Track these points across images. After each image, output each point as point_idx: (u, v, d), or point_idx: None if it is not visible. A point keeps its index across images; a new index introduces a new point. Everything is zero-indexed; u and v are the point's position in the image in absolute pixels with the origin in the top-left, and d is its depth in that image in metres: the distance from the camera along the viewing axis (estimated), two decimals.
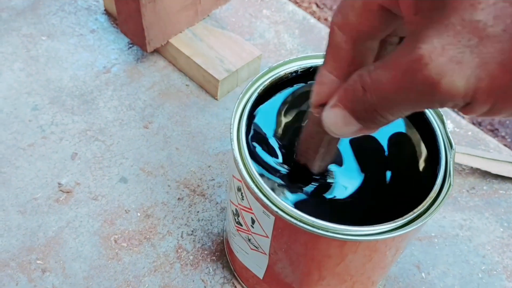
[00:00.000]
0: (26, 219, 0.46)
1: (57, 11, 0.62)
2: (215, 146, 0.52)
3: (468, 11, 0.17)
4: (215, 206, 0.48)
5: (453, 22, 0.17)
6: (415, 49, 0.18)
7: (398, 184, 0.33)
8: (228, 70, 0.54)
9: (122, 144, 0.51)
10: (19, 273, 0.43)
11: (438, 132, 0.32)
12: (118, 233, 0.46)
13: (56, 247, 0.44)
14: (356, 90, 0.21)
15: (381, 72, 0.19)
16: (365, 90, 0.20)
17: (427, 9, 0.18)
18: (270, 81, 0.34)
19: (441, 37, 0.17)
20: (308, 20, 0.65)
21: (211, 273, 0.44)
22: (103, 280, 0.43)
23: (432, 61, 0.17)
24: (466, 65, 0.17)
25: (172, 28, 0.56)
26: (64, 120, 0.53)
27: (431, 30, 0.17)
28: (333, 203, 0.32)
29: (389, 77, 0.19)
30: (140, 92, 0.56)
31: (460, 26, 0.17)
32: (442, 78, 0.17)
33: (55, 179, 0.48)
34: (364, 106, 0.21)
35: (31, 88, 0.55)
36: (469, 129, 0.56)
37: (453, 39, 0.17)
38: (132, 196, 0.48)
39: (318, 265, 0.32)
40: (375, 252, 0.31)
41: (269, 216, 0.30)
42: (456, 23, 0.17)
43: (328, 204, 0.32)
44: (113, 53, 0.59)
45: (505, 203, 0.50)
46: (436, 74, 0.17)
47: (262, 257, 0.35)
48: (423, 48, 0.17)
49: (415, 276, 0.45)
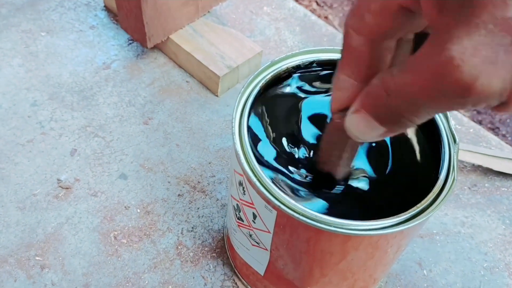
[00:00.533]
0: (25, 215, 0.45)
1: (57, 7, 0.62)
2: (216, 143, 0.52)
3: (500, 8, 0.16)
4: (216, 203, 0.48)
5: (484, 20, 0.16)
6: (443, 50, 0.17)
7: (401, 179, 0.32)
8: (229, 67, 0.54)
9: (122, 141, 0.51)
10: (17, 269, 0.42)
11: (441, 126, 0.32)
12: (117, 230, 0.45)
13: (55, 243, 0.44)
14: (379, 95, 0.20)
15: (406, 75, 0.19)
16: (388, 95, 0.20)
17: (453, 8, 0.17)
18: (272, 75, 0.34)
19: (471, 37, 0.16)
20: (309, 17, 0.65)
21: (211, 269, 0.44)
22: (102, 277, 0.43)
23: (464, 63, 0.16)
24: (502, 65, 0.16)
25: (172, 24, 0.55)
26: (63, 116, 0.52)
27: (460, 30, 0.17)
28: (335, 198, 0.32)
29: (415, 80, 0.18)
30: (140, 88, 0.55)
31: (492, 25, 0.16)
32: (476, 80, 0.17)
33: (54, 175, 0.48)
34: (388, 110, 0.20)
35: (30, 84, 0.54)
36: (471, 126, 0.56)
37: (485, 38, 0.16)
38: (132, 192, 0.48)
39: (320, 262, 0.32)
40: (377, 249, 0.31)
41: (271, 211, 0.30)
42: (487, 21, 0.16)
43: (330, 199, 0.31)
44: (113, 49, 0.58)
45: (507, 201, 0.50)
46: (469, 76, 0.17)
47: (263, 253, 0.35)
48: (453, 49, 0.17)
49: (417, 273, 0.45)
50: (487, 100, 0.17)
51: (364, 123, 0.22)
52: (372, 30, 0.21)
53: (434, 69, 0.17)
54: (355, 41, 0.22)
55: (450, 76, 0.17)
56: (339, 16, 1.04)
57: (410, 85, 0.19)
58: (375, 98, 0.21)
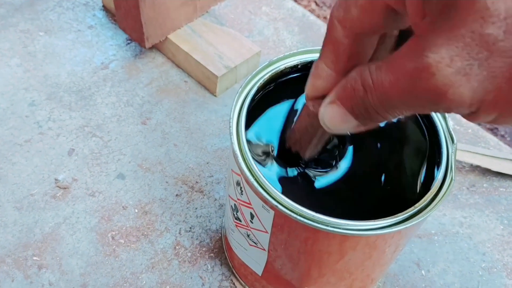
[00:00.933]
0: (23, 215, 0.45)
1: (55, 7, 0.61)
2: (214, 143, 0.52)
3: (479, 23, 0.16)
4: (214, 203, 0.48)
5: (462, 33, 0.17)
6: (422, 57, 0.17)
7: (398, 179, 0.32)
8: (227, 67, 0.54)
9: (120, 140, 0.51)
10: (15, 269, 0.42)
11: (439, 126, 0.32)
12: (115, 230, 0.45)
13: (52, 243, 0.44)
14: (356, 90, 0.20)
15: (384, 74, 0.19)
16: (366, 91, 0.20)
17: (436, 16, 0.18)
18: (270, 75, 0.34)
19: (449, 47, 0.17)
20: (307, 17, 0.65)
21: (209, 270, 0.44)
22: (100, 277, 0.42)
23: (439, 72, 0.17)
24: (474, 77, 0.17)
25: (170, 24, 0.55)
26: (61, 116, 0.52)
27: (440, 39, 0.17)
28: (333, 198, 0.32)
29: (392, 81, 0.19)
30: (138, 88, 0.55)
31: (469, 39, 0.17)
32: (448, 89, 0.17)
33: (52, 175, 0.48)
34: (364, 105, 0.20)
35: (28, 84, 0.54)
36: (469, 126, 0.56)
37: (462, 50, 0.17)
38: (129, 192, 0.47)
39: (318, 262, 0.32)
40: (375, 249, 0.31)
41: (268, 211, 0.29)
42: (465, 35, 0.17)
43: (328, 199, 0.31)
44: (111, 49, 0.58)
45: (505, 201, 0.50)
46: (442, 84, 0.17)
47: (261, 253, 0.35)
48: (431, 57, 0.17)
49: (415, 273, 0.45)
50: (457, 108, 0.18)
51: (338, 115, 0.22)
52: (356, 24, 0.21)
53: (412, 72, 0.18)
54: (338, 32, 0.22)
55: (425, 83, 0.18)
56: None
57: (387, 84, 0.19)
58: (353, 93, 0.21)
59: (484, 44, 0.16)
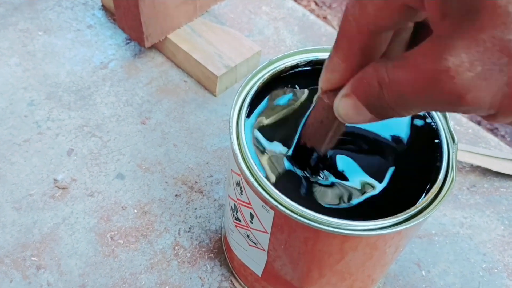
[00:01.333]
0: (21, 215, 0.45)
1: (54, 6, 0.61)
2: (213, 143, 0.52)
3: (500, 29, 0.16)
4: (213, 203, 0.47)
5: (483, 38, 0.17)
6: (441, 59, 0.17)
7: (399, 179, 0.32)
8: (227, 66, 0.54)
9: (119, 140, 0.51)
10: (13, 270, 0.42)
11: (440, 127, 0.32)
12: (114, 230, 0.45)
13: (51, 243, 0.44)
14: (372, 86, 0.20)
15: (401, 73, 0.19)
16: (381, 87, 0.20)
17: (456, 18, 0.17)
18: (270, 75, 0.33)
19: (470, 51, 0.17)
20: (307, 16, 0.65)
21: (208, 270, 0.44)
22: (99, 277, 0.42)
23: (459, 75, 0.17)
24: (494, 82, 0.17)
25: (170, 23, 0.55)
26: (60, 115, 0.52)
27: (460, 42, 0.17)
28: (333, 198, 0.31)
29: (409, 80, 0.19)
30: (137, 88, 0.55)
31: (490, 44, 0.16)
32: (468, 93, 0.17)
33: (51, 175, 0.48)
34: (379, 102, 0.20)
35: (27, 83, 0.54)
36: (470, 126, 0.56)
37: (482, 55, 0.17)
38: (129, 192, 0.47)
39: (318, 262, 0.32)
40: (375, 249, 0.31)
41: (268, 211, 0.29)
42: (487, 40, 0.17)
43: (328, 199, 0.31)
44: (111, 48, 0.58)
45: (506, 201, 0.50)
46: (462, 88, 0.17)
47: (260, 254, 0.35)
48: (451, 60, 0.17)
49: (415, 274, 0.45)
50: (476, 110, 0.18)
51: (353, 108, 0.22)
52: (372, 21, 0.21)
53: (429, 74, 0.18)
54: (353, 28, 0.22)
55: (444, 85, 0.17)
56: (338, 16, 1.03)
57: (403, 83, 0.19)
58: (367, 87, 0.21)
59: (505, 50, 0.16)
